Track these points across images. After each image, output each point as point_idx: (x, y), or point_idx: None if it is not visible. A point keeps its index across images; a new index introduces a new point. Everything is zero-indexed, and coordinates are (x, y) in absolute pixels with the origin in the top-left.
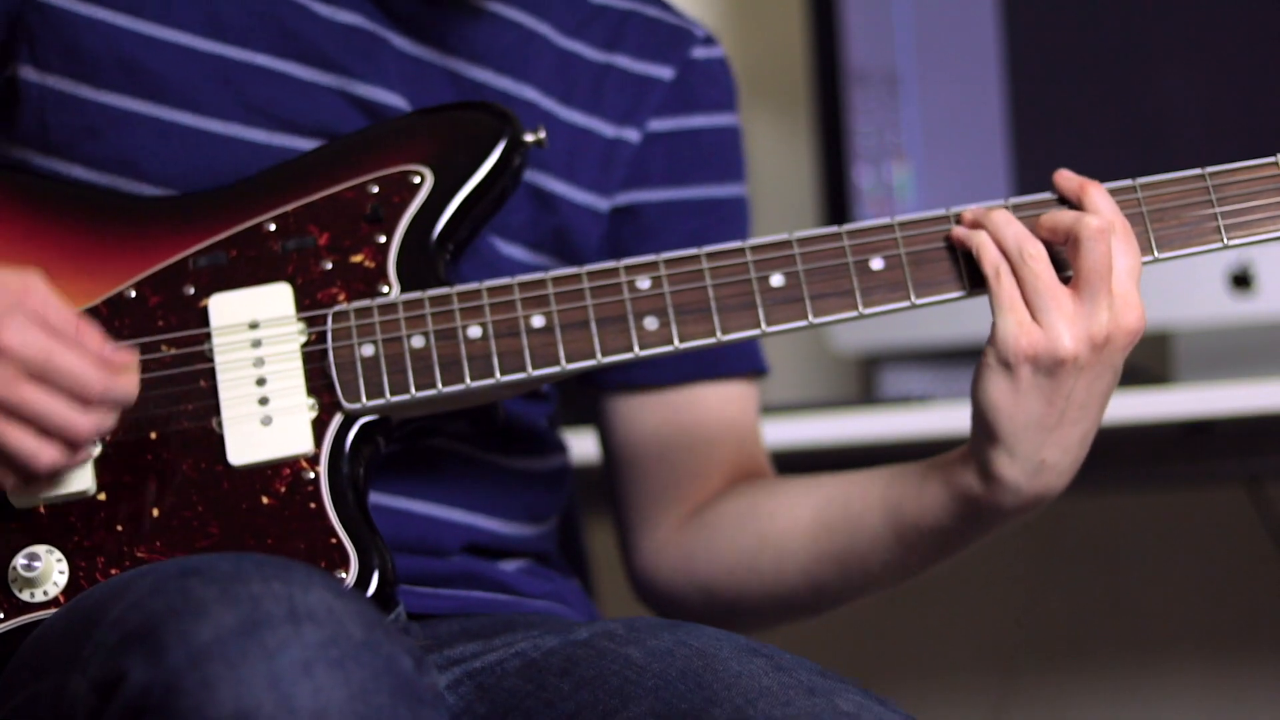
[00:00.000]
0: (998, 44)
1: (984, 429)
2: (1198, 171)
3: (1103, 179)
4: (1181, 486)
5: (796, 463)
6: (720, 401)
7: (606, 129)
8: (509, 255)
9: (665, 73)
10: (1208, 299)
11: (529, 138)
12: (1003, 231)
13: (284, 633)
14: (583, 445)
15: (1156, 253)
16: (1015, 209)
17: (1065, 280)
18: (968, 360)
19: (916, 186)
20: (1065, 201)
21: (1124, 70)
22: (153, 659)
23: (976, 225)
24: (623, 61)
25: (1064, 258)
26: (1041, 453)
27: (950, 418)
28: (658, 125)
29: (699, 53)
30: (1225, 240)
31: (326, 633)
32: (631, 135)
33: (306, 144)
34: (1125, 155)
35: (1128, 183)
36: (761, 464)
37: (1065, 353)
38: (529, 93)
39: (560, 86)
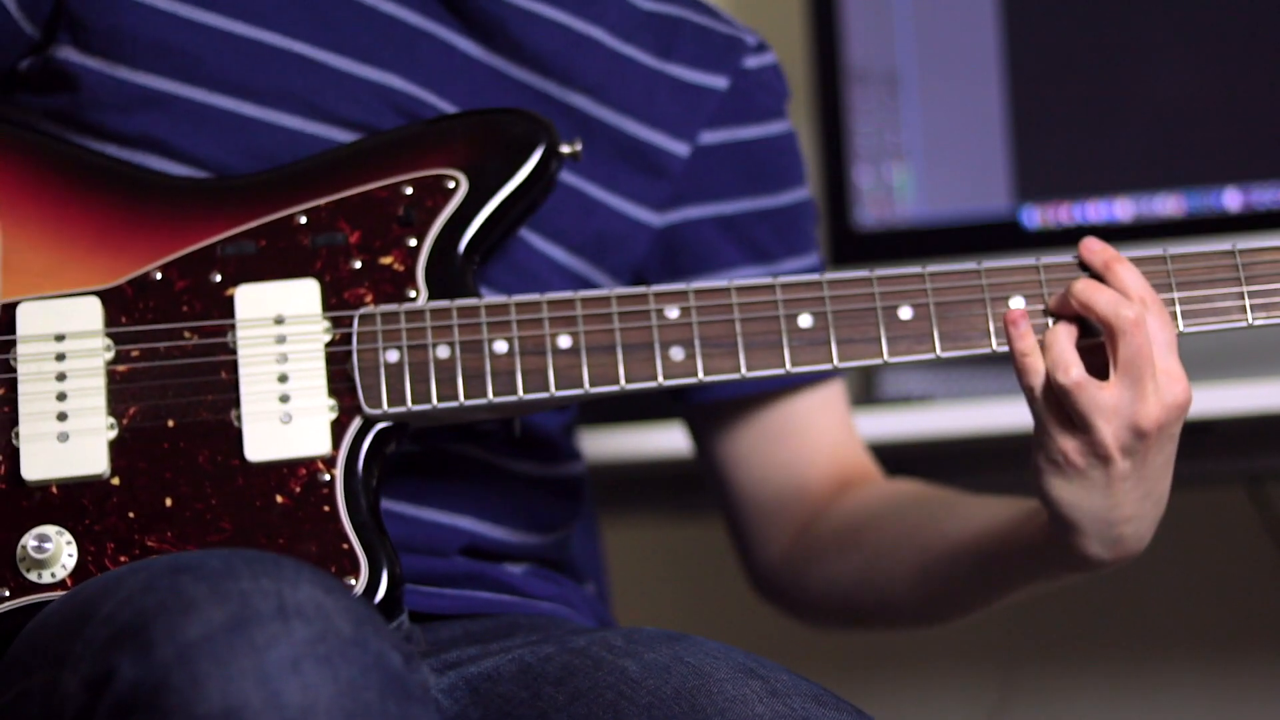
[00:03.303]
0: (998, 44)
1: (1054, 519)
2: (1228, 247)
3: (1102, 179)
4: (1181, 486)
5: None
6: (805, 412)
7: (655, 137)
8: (546, 254)
9: (720, 83)
10: None
11: (565, 149)
12: (1049, 350)
13: (272, 629)
14: (598, 445)
15: (1181, 327)
16: (1045, 270)
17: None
18: (968, 360)
19: (916, 186)
20: (1088, 268)
21: (1124, 70)
22: (142, 656)
23: (1016, 324)
24: (675, 70)
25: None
26: (1115, 530)
27: (950, 418)
28: (710, 138)
29: (752, 61)
30: (1250, 320)
31: (315, 629)
32: (680, 148)
33: (342, 134)
34: (1125, 156)
35: (1158, 252)
36: (862, 464)
37: (1108, 450)
38: (573, 97)
39: (611, 91)
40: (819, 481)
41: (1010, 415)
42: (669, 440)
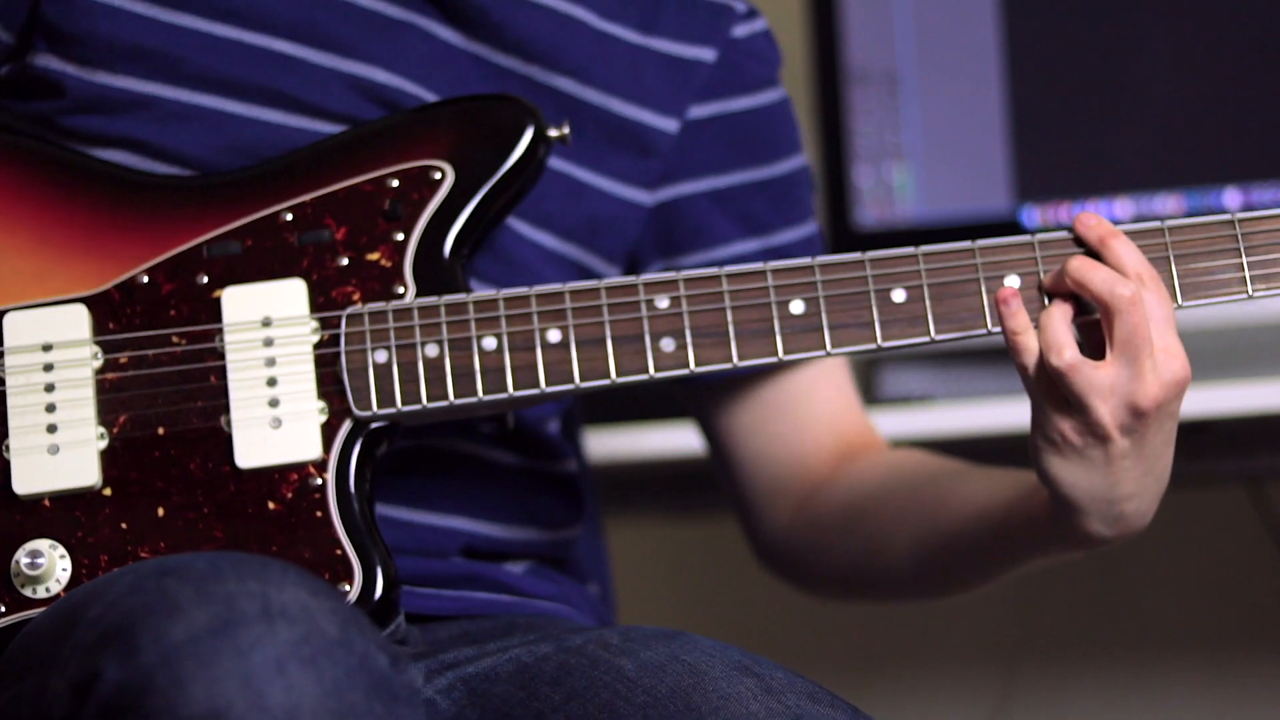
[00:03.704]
0: (998, 44)
1: (1055, 499)
2: (1227, 217)
3: (1102, 178)
4: (1181, 486)
5: None
6: (803, 385)
7: (643, 115)
8: (535, 242)
9: (707, 54)
10: None
11: (553, 133)
12: (1043, 332)
13: (257, 631)
14: (599, 445)
15: (1180, 300)
16: (1040, 246)
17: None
18: (968, 360)
19: (916, 186)
20: (1084, 243)
21: (1124, 70)
22: (127, 658)
23: (1007, 302)
24: (661, 44)
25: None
26: (1116, 508)
27: (950, 418)
28: (699, 111)
29: (741, 30)
30: (1250, 292)
31: (300, 631)
32: (669, 125)
33: (328, 128)
34: (1125, 156)
35: (1155, 224)
36: (863, 433)
37: (1106, 430)
38: (558, 80)
39: (596, 71)
40: (820, 454)
41: (1010, 415)
42: (669, 440)
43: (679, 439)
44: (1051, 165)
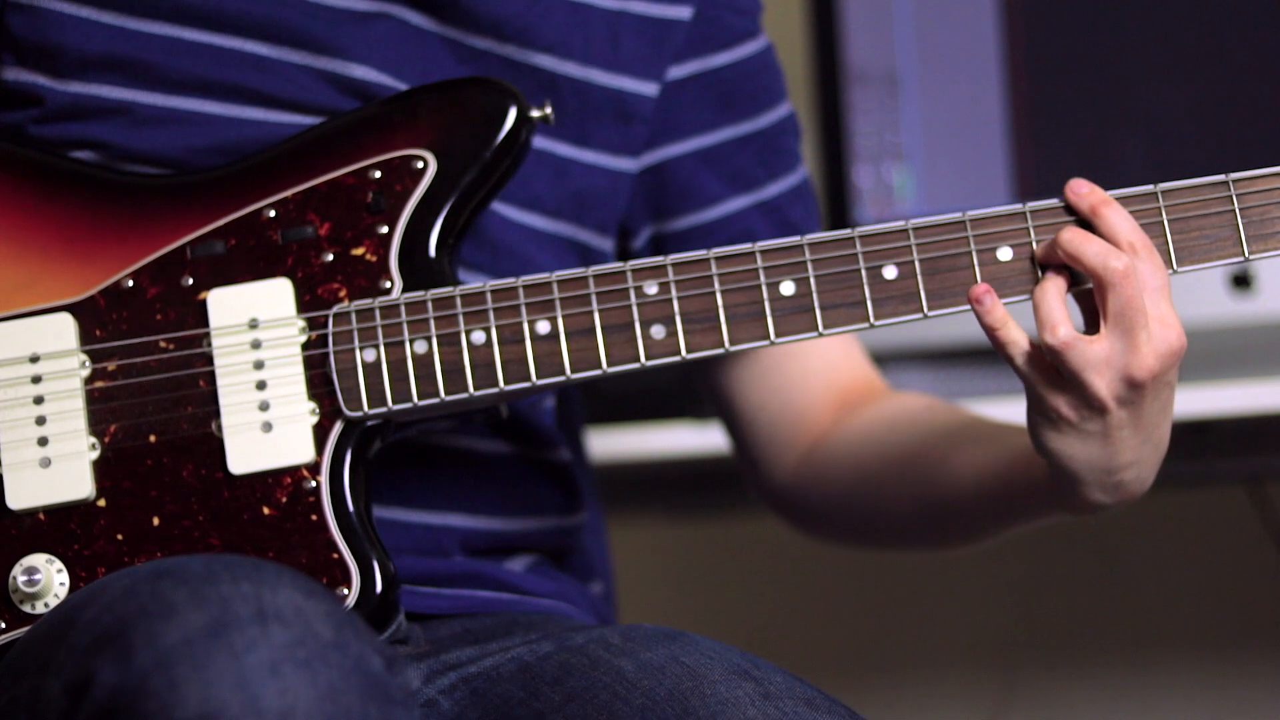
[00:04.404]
0: (998, 44)
1: (1055, 470)
2: (1220, 178)
3: (1103, 178)
4: (1181, 486)
5: None
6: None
7: (623, 82)
8: (524, 224)
9: (683, 12)
10: (1208, 299)
11: (535, 114)
12: (1037, 309)
13: (251, 633)
14: (601, 444)
15: (1175, 266)
16: (1032, 215)
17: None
18: (968, 360)
19: (916, 186)
20: (1076, 212)
21: (1124, 70)
22: (121, 660)
23: (981, 301)
24: (636, 6)
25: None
26: (1115, 477)
27: None
28: (678, 71)
29: None
30: (1246, 254)
31: (294, 633)
32: (649, 89)
33: (309, 121)
34: (1125, 155)
35: (1149, 189)
36: (862, 380)
37: (1103, 402)
38: (535, 58)
39: (573, 45)
40: (818, 405)
41: (1011, 415)
42: (670, 440)
43: (680, 439)
44: (1051, 165)
